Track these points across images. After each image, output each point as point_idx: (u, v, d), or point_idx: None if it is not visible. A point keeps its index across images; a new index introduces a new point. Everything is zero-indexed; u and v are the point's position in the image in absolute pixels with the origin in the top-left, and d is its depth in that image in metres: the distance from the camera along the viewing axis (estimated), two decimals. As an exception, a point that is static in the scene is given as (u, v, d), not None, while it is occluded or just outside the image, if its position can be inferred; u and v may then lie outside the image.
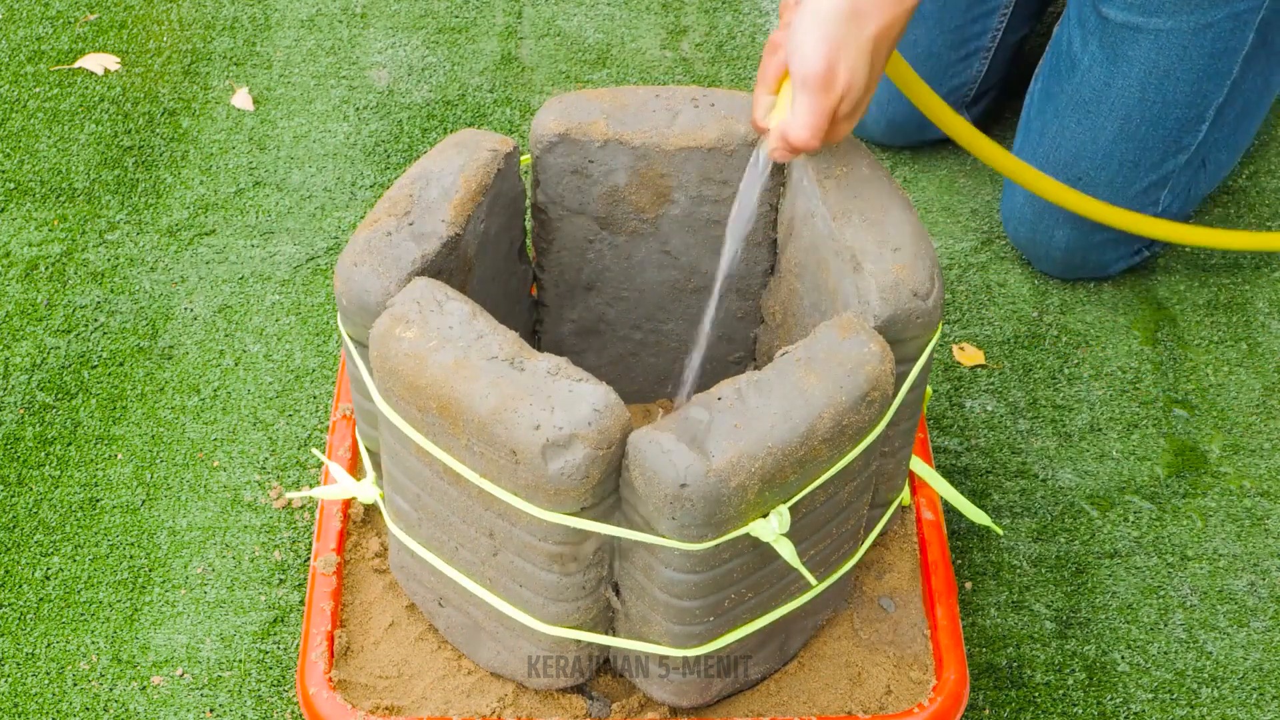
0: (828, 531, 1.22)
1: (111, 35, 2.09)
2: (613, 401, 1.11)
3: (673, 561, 1.14)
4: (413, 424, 1.17)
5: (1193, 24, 1.63)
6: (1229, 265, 1.84)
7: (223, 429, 1.63)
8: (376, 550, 1.38)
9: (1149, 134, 1.69)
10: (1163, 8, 1.63)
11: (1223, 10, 1.62)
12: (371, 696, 1.28)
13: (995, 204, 1.90)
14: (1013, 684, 1.45)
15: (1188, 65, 1.65)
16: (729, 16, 2.14)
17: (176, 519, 1.55)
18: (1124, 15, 1.65)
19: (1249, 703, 1.45)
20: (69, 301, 1.75)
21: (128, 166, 1.91)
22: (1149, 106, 1.67)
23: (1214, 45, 1.64)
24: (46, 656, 1.44)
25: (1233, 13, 1.63)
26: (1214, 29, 1.63)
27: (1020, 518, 1.58)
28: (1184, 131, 1.70)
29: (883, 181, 1.26)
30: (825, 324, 1.18)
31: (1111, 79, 1.67)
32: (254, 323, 1.74)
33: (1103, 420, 1.67)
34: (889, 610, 1.36)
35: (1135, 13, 1.64)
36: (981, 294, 1.80)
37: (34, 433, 1.62)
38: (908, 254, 1.20)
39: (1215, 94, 1.68)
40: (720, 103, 1.33)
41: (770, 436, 1.10)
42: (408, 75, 2.04)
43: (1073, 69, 1.71)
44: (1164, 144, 1.70)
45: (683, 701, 1.27)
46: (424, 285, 1.18)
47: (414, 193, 1.25)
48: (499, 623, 1.25)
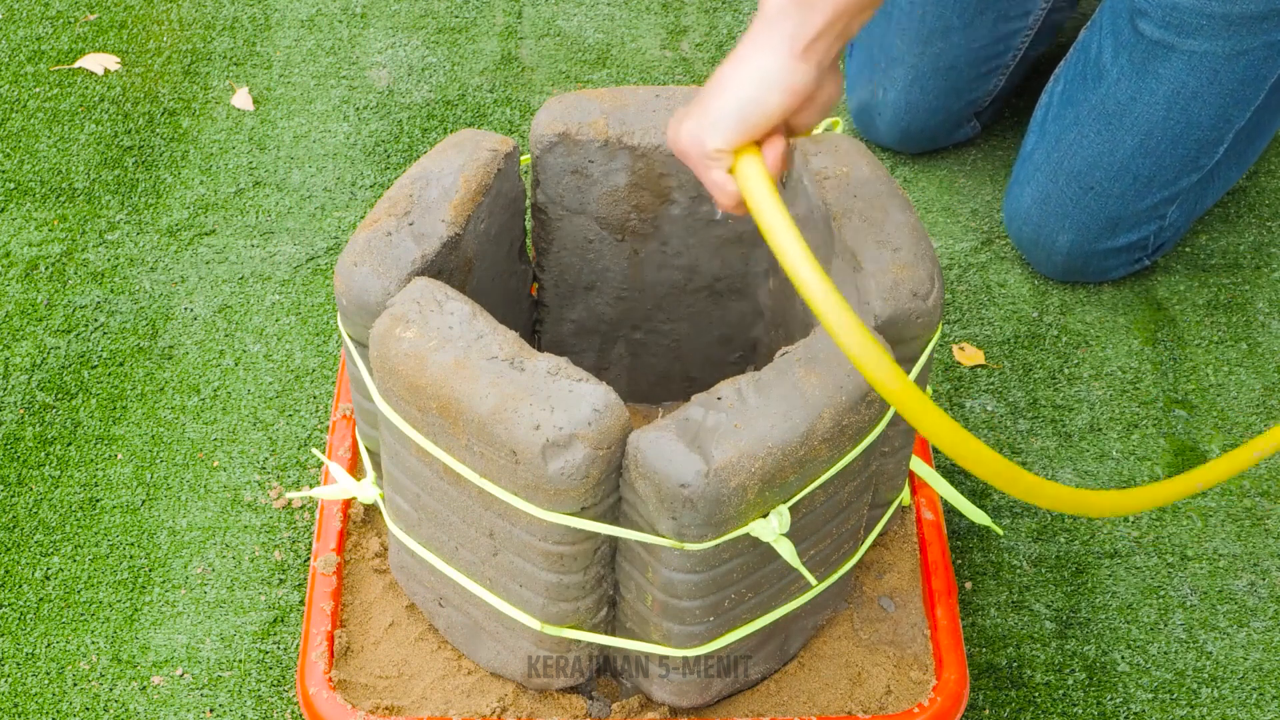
0: (828, 531, 1.22)
1: (111, 35, 2.09)
2: (613, 401, 1.11)
3: (673, 561, 1.14)
4: (413, 424, 1.17)
5: (1228, 49, 1.61)
6: (1229, 265, 1.84)
7: (223, 429, 1.63)
8: (376, 550, 1.38)
9: (1168, 152, 1.68)
10: (1200, 30, 1.61)
11: (1260, 39, 1.61)
12: (371, 696, 1.28)
13: (995, 204, 1.90)
14: (1013, 684, 1.45)
15: (1217, 89, 1.64)
16: (729, 16, 2.14)
17: (176, 519, 1.55)
18: (1160, 33, 1.63)
19: (1249, 703, 1.45)
20: (69, 301, 1.75)
21: (128, 166, 1.91)
22: (1172, 125, 1.67)
23: (1245, 72, 1.63)
24: (46, 656, 1.44)
25: (1269, 41, 1.61)
26: (1248, 56, 1.62)
27: (1020, 518, 1.58)
28: (1202, 152, 1.69)
29: (883, 181, 1.26)
30: (825, 324, 1.18)
31: (1139, 94, 1.67)
32: (254, 323, 1.74)
33: (1103, 420, 1.67)
34: (889, 610, 1.36)
35: (1172, 31, 1.62)
36: (981, 294, 1.80)
37: (34, 433, 1.62)
38: (908, 254, 1.20)
39: (1238, 119, 1.68)
40: (720, 103, 1.33)
41: (770, 436, 1.10)
42: (408, 75, 2.04)
43: (1099, 79, 1.70)
44: (1181, 162, 1.69)
45: (683, 701, 1.27)
46: (424, 285, 1.18)
47: (414, 193, 1.25)
48: (499, 623, 1.25)
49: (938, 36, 1.82)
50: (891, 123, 1.89)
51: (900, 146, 1.93)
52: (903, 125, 1.88)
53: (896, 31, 1.84)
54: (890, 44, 1.85)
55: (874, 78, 1.88)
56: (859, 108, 1.92)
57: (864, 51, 1.90)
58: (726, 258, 1.39)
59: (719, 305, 1.43)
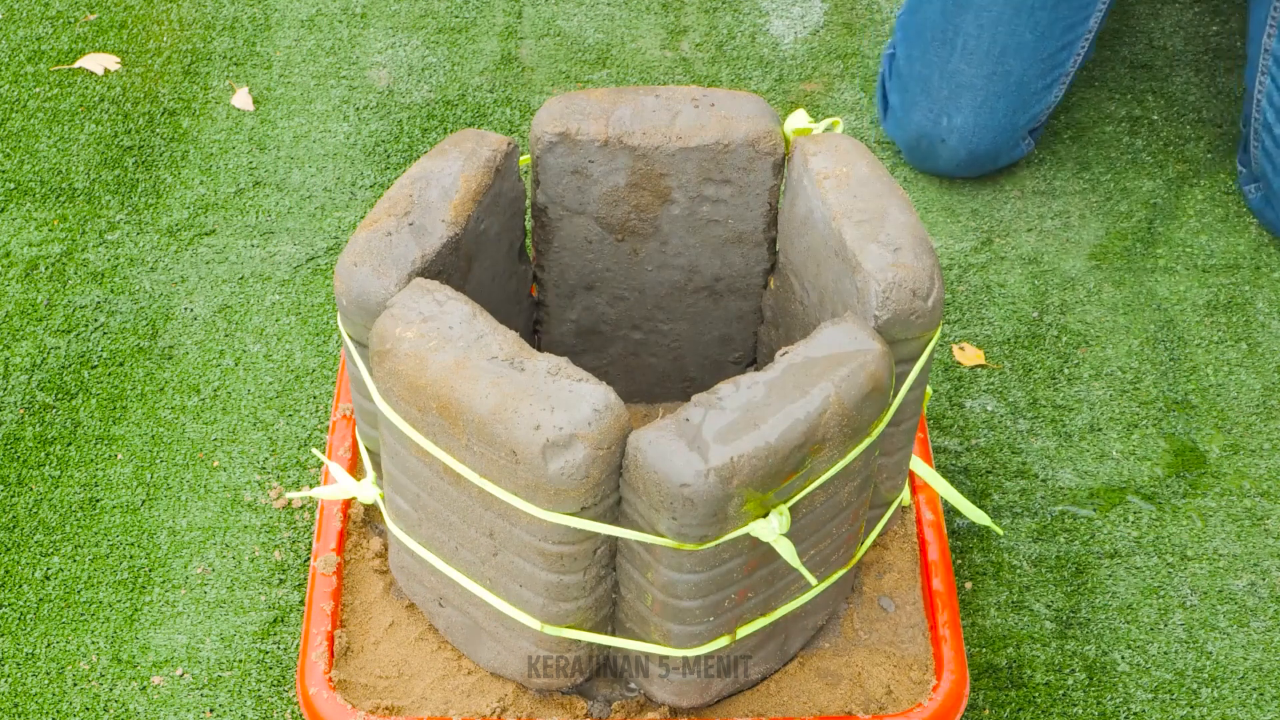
0: (828, 531, 1.22)
1: (111, 35, 2.09)
2: (613, 401, 1.11)
3: (673, 561, 1.14)
4: (413, 424, 1.17)
5: None
6: (1229, 265, 1.84)
7: (223, 429, 1.63)
8: (377, 550, 1.38)
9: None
10: None
11: None
12: (371, 696, 1.28)
13: (995, 204, 1.90)
14: (1013, 684, 1.45)
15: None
16: (729, 16, 2.14)
17: (176, 519, 1.55)
18: None
19: (1249, 703, 1.45)
20: (69, 301, 1.75)
21: (128, 166, 1.91)
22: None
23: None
24: (46, 656, 1.44)
25: None
26: None
27: (1020, 518, 1.58)
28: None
29: (883, 181, 1.26)
30: (825, 324, 1.18)
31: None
32: (254, 323, 1.74)
33: (1103, 420, 1.67)
34: (889, 610, 1.36)
35: None
36: (981, 294, 1.80)
37: (34, 433, 1.62)
38: (908, 254, 1.20)
39: None
40: (720, 103, 1.33)
41: (770, 436, 1.10)
42: (408, 75, 2.04)
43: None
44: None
45: (683, 701, 1.27)
46: (424, 285, 1.18)
47: (414, 193, 1.25)
48: (499, 623, 1.25)
49: (1010, 54, 1.82)
50: (957, 148, 1.86)
51: (964, 171, 1.90)
52: (970, 148, 1.86)
53: (963, 57, 1.84)
54: (956, 70, 1.84)
55: (934, 106, 1.86)
56: (916, 138, 1.89)
57: (918, 83, 1.88)
58: (726, 258, 1.39)
59: (719, 305, 1.43)
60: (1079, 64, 1.89)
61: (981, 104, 1.84)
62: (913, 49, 1.89)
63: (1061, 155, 1.97)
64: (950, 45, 1.84)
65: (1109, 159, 1.96)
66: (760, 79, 2.04)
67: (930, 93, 1.87)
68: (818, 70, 2.06)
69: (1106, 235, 1.87)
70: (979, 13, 1.82)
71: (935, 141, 1.87)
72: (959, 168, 1.90)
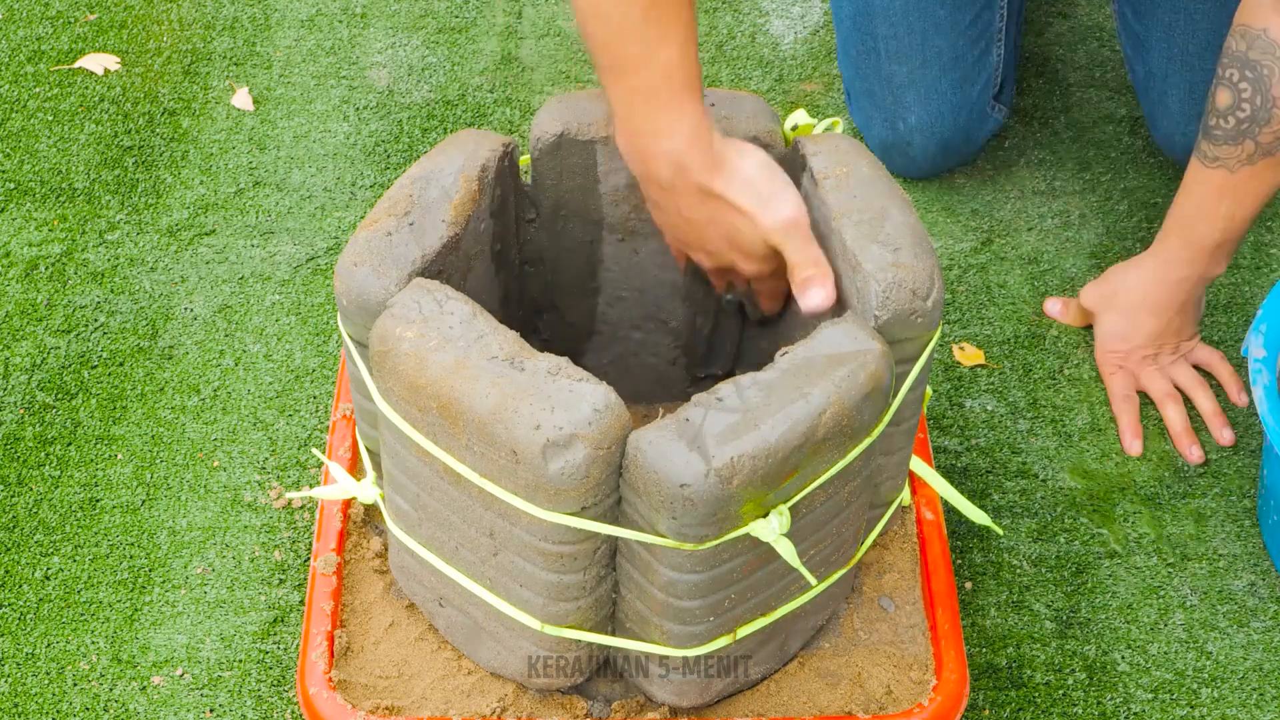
0: (828, 531, 1.22)
1: (111, 35, 2.09)
2: (613, 401, 1.11)
3: (673, 561, 1.14)
4: (413, 424, 1.17)
5: None
6: (1229, 265, 1.84)
7: (223, 429, 1.63)
8: (377, 550, 1.38)
9: None
10: None
11: None
12: (371, 696, 1.28)
13: (995, 204, 1.90)
14: (1013, 684, 1.45)
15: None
16: (729, 16, 2.14)
17: (176, 519, 1.55)
18: None
19: (1249, 703, 1.45)
20: (69, 301, 1.75)
21: (128, 166, 1.91)
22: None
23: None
24: (46, 656, 1.44)
25: None
26: None
27: (1020, 518, 1.58)
28: None
29: (883, 181, 1.26)
30: (825, 324, 1.18)
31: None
32: (254, 323, 1.74)
33: (1103, 420, 1.67)
34: (889, 610, 1.36)
35: None
36: (981, 294, 1.80)
37: (34, 433, 1.62)
38: (908, 254, 1.20)
39: None
40: (720, 103, 1.33)
41: (770, 436, 1.10)
42: (408, 75, 2.04)
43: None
44: None
45: (683, 701, 1.27)
46: (424, 285, 1.18)
47: (414, 193, 1.25)
48: (499, 623, 1.25)
49: (932, 34, 1.81)
50: (925, 144, 1.85)
51: (949, 162, 1.89)
52: (937, 140, 1.84)
53: (889, 59, 1.82)
54: (890, 74, 1.83)
55: (886, 116, 1.85)
56: (884, 150, 1.88)
57: (866, 98, 1.88)
58: (726, 258, 1.39)
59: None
60: (1011, 18, 1.87)
61: (926, 95, 1.83)
62: (849, 68, 1.90)
63: (1061, 155, 1.97)
64: (874, 53, 1.84)
65: (1109, 159, 1.96)
66: (760, 79, 2.04)
67: (878, 104, 1.86)
68: (818, 70, 2.06)
69: (1106, 235, 1.87)
70: (885, 13, 1.81)
71: (902, 147, 1.86)
72: (940, 161, 1.89)
